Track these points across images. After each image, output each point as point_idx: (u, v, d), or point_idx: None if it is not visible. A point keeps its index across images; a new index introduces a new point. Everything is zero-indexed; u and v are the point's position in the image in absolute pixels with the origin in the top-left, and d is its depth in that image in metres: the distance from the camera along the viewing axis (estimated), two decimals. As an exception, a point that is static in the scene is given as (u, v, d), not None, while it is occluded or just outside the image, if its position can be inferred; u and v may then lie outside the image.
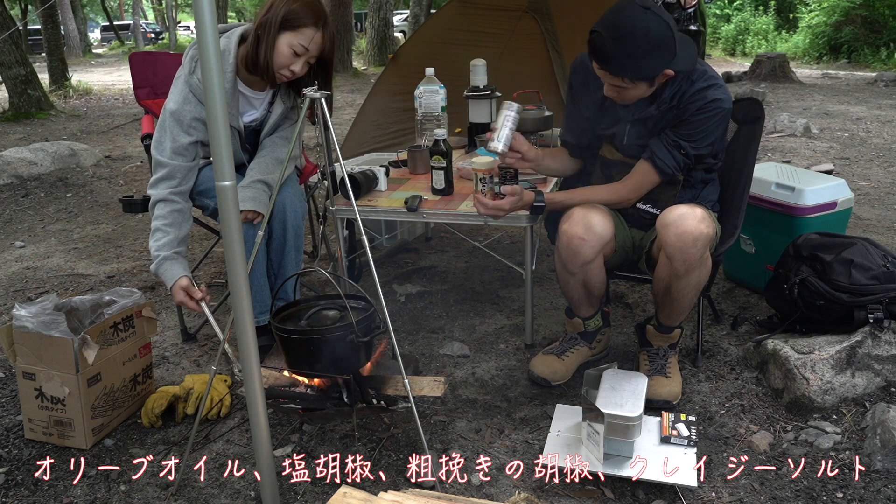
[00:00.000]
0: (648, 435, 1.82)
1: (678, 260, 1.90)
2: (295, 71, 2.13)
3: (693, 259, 1.89)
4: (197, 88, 2.13)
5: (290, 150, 1.88)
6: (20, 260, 3.61)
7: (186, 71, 2.15)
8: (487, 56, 3.07)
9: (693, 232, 1.86)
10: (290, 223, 2.26)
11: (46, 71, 10.70)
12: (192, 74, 2.14)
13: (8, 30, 7.67)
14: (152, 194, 2.15)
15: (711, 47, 18.05)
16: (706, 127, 1.95)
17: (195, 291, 2.01)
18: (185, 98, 2.14)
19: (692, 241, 1.87)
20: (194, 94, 2.13)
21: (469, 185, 2.56)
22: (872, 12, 14.14)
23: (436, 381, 1.94)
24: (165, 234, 2.09)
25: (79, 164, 5.75)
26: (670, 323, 2.12)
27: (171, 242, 2.08)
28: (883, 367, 2.03)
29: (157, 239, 2.09)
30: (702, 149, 1.98)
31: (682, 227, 1.87)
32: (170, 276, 2.03)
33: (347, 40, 12.76)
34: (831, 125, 6.77)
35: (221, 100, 1.29)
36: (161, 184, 2.15)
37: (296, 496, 1.75)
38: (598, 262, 2.06)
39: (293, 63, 2.11)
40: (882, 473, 1.74)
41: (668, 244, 1.90)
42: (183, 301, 2.01)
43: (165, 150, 2.15)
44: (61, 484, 1.83)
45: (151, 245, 2.09)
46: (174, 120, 2.14)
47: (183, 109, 2.14)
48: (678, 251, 1.89)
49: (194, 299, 1.99)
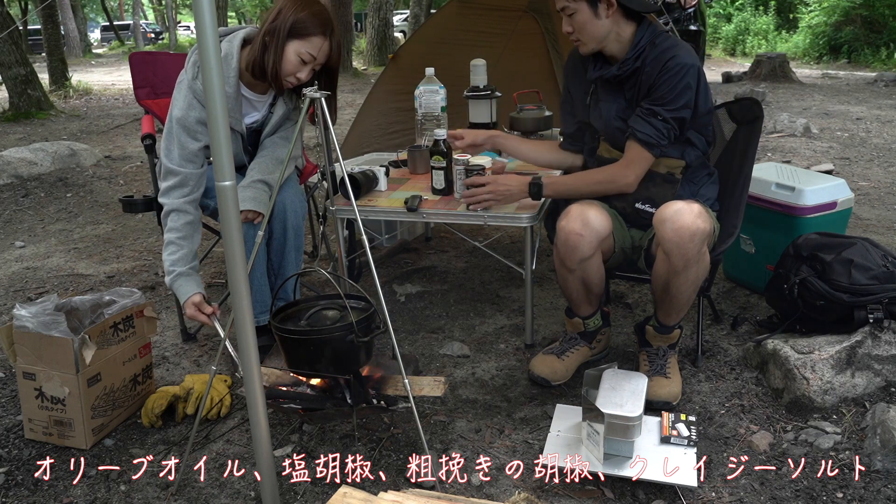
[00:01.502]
0: (648, 435, 1.82)
1: (676, 255, 1.90)
2: (301, 78, 2.15)
3: (691, 254, 1.89)
4: (201, 93, 2.13)
5: (290, 150, 1.88)
6: (20, 260, 3.61)
7: (190, 76, 2.15)
8: (487, 56, 3.07)
9: (690, 227, 1.86)
10: (290, 223, 2.26)
11: (46, 71, 10.70)
12: (196, 80, 2.14)
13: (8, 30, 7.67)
14: (165, 203, 2.15)
15: (711, 47, 18.04)
16: (675, 86, 1.95)
17: (206, 308, 2.04)
18: (190, 104, 2.14)
19: (689, 237, 1.87)
20: (198, 99, 2.13)
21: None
22: (872, 12, 14.14)
23: (436, 381, 1.94)
24: (179, 248, 2.11)
25: (79, 164, 5.76)
26: (669, 322, 2.12)
27: (186, 257, 2.11)
28: (883, 367, 2.03)
29: (172, 253, 2.11)
30: (679, 111, 1.97)
31: (678, 222, 1.87)
32: (183, 293, 2.06)
33: (347, 40, 12.77)
34: (831, 125, 6.77)
35: (222, 101, 1.29)
36: (173, 192, 2.15)
37: (296, 496, 1.75)
38: (597, 259, 2.06)
39: (300, 71, 2.13)
40: (882, 473, 1.74)
41: (666, 239, 1.90)
42: (194, 315, 2.04)
43: (174, 157, 2.15)
44: (61, 484, 1.83)
45: (165, 259, 2.11)
46: (181, 127, 2.14)
47: (188, 116, 2.14)
48: (675, 246, 1.89)
49: (205, 314, 2.03)
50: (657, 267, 2.00)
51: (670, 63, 1.94)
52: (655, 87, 1.97)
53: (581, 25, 2.00)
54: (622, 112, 2.07)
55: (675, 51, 1.96)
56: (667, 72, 1.94)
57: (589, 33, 2.01)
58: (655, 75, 1.96)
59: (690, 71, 1.95)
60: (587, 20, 1.98)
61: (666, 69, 1.94)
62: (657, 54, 1.97)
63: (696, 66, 1.96)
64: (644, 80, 2.00)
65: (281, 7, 2.10)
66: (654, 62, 1.97)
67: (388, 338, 1.76)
